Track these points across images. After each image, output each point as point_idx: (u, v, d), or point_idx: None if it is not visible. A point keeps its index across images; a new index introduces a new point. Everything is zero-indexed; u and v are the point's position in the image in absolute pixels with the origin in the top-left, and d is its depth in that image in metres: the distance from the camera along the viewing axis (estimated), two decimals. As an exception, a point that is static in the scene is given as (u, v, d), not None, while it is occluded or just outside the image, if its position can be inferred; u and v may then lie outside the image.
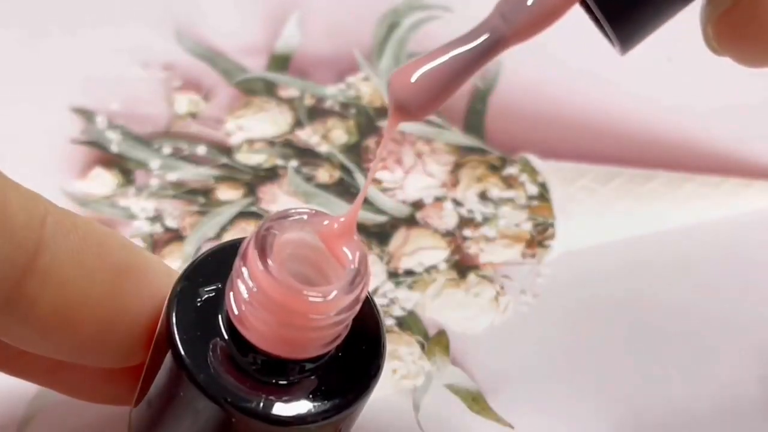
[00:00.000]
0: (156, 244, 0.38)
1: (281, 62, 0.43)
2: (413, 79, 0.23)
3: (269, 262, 0.24)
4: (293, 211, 0.25)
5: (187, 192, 0.39)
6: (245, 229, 0.38)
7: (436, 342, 0.36)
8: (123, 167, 0.39)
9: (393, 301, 0.37)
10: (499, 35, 0.22)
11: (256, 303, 0.24)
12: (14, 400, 0.33)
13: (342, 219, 0.25)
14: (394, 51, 0.44)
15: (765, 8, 0.23)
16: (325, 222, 0.25)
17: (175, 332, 0.25)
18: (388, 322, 0.36)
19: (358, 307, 0.25)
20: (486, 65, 0.23)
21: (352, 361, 0.26)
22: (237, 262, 0.25)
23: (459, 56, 0.23)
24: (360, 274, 0.25)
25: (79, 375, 0.30)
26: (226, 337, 0.26)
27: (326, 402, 0.26)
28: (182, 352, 0.25)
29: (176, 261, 0.37)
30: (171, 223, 0.38)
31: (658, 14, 0.22)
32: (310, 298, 0.24)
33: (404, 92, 0.23)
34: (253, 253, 0.24)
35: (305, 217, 0.25)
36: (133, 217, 0.38)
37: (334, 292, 0.24)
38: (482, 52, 0.23)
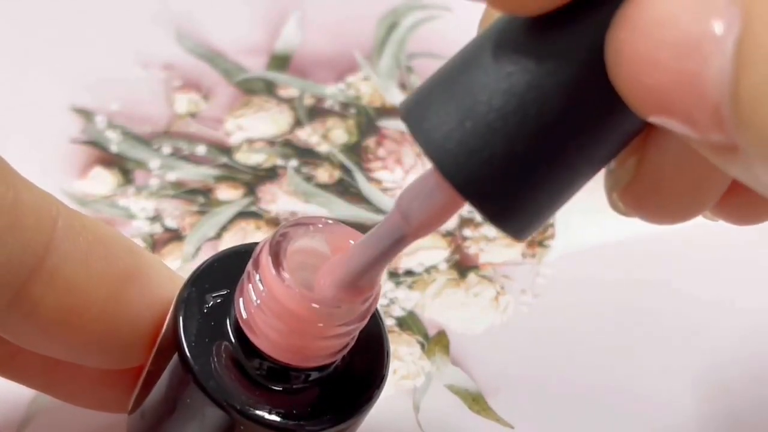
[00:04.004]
0: (156, 244, 0.38)
1: (281, 62, 0.43)
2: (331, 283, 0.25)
3: (282, 269, 0.24)
4: (308, 219, 0.25)
5: (186, 192, 0.39)
6: (245, 229, 0.38)
7: (436, 342, 0.36)
8: (123, 167, 0.39)
9: (393, 301, 0.37)
10: (402, 234, 0.23)
11: (267, 309, 0.24)
12: (13, 402, 0.33)
13: (355, 231, 0.25)
14: (393, 51, 0.44)
15: (666, 184, 0.24)
16: (340, 233, 0.25)
17: (182, 337, 0.26)
18: (388, 322, 0.36)
19: (367, 319, 0.25)
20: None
21: (357, 371, 0.27)
22: (249, 267, 0.25)
23: (371, 256, 0.24)
24: None
25: (74, 379, 0.30)
26: (233, 342, 0.26)
27: (329, 411, 0.26)
28: (189, 357, 0.25)
29: (176, 261, 0.37)
30: (170, 222, 0.38)
31: (549, 207, 0.22)
32: (321, 308, 0.24)
33: (326, 293, 0.25)
34: (266, 260, 0.24)
35: (320, 226, 0.25)
36: (133, 216, 0.38)
37: (345, 303, 0.24)
38: (390, 251, 0.24)
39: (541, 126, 0.20)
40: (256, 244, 0.25)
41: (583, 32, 0.20)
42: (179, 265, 0.37)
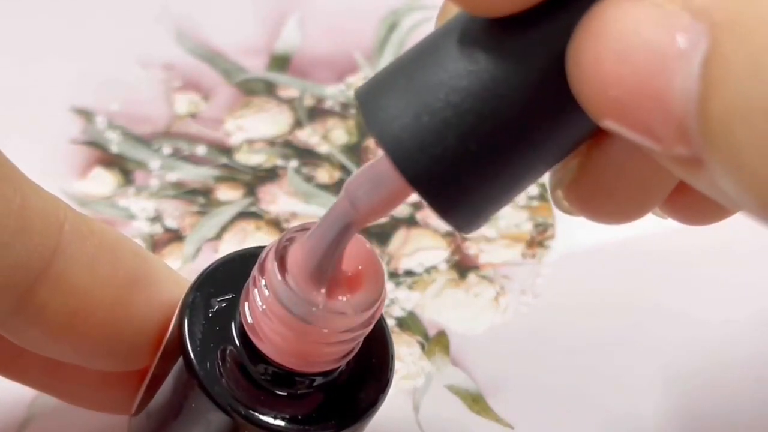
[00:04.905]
0: (156, 245, 0.38)
1: (281, 62, 0.43)
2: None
3: (288, 274, 0.24)
4: (314, 224, 0.25)
5: (186, 192, 0.39)
6: (245, 230, 0.38)
7: (436, 342, 0.36)
8: (123, 167, 0.39)
9: (393, 302, 0.37)
10: (349, 221, 0.24)
11: (272, 314, 0.24)
12: (14, 402, 0.33)
13: (359, 236, 0.25)
14: (393, 51, 0.44)
15: (609, 185, 0.24)
16: None
17: (187, 341, 0.26)
18: (388, 322, 0.36)
19: (372, 325, 0.25)
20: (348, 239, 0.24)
21: (361, 377, 0.27)
22: (254, 272, 0.25)
23: (321, 244, 0.24)
24: None
25: (77, 380, 0.30)
26: (238, 347, 0.26)
27: (334, 416, 0.26)
28: (194, 361, 0.25)
29: (176, 261, 0.37)
30: (171, 223, 0.38)
31: (496, 204, 0.22)
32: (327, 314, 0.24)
33: (299, 276, 0.25)
34: (272, 265, 0.24)
35: None
36: (133, 217, 0.38)
37: (351, 310, 0.24)
38: (339, 238, 0.24)
39: (495, 126, 0.21)
40: (260, 248, 0.26)
41: (544, 38, 0.20)
42: (179, 265, 0.37)
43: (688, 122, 0.18)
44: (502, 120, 0.21)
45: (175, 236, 0.38)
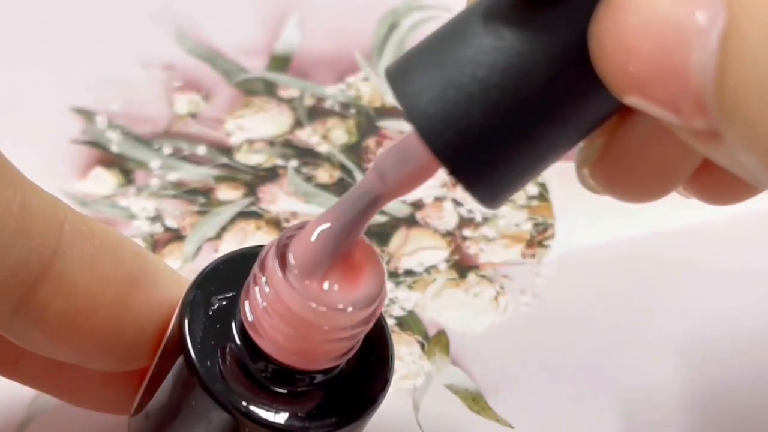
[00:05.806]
0: (156, 244, 0.38)
1: (281, 62, 0.43)
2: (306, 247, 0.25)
3: (288, 272, 0.24)
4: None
5: (187, 192, 0.39)
6: (245, 229, 0.38)
7: (436, 342, 0.36)
8: (123, 167, 0.39)
9: (393, 301, 0.37)
10: (378, 194, 0.24)
11: (273, 312, 0.25)
12: (13, 402, 0.33)
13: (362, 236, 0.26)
14: (393, 51, 0.44)
15: (633, 163, 0.25)
16: None
17: (188, 340, 0.26)
18: (388, 322, 0.36)
19: (372, 323, 0.25)
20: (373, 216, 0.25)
21: (361, 375, 0.27)
22: (255, 270, 0.25)
23: (348, 217, 0.24)
24: None
25: (78, 380, 0.30)
26: (238, 345, 0.26)
27: (334, 414, 0.26)
28: (194, 359, 0.25)
29: (176, 261, 0.37)
30: (171, 222, 0.38)
31: (521, 178, 0.23)
32: (327, 311, 0.24)
33: (305, 255, 0.25)
34: (272, 263, 0.24)
35: None
36: (133, 217, 0.38)
37: (351, 307, 0.25)
38: (366, 211, 0.24)
39: (519, 102, 0.21)
40: (260, 246, 0.26)
41: (568, 16, 0.21)
42: (179, 265, 0.37)
43: (706, 96, 0.19)
44: (526, 96, 0.21)
45: (176, 236, 0.38)
